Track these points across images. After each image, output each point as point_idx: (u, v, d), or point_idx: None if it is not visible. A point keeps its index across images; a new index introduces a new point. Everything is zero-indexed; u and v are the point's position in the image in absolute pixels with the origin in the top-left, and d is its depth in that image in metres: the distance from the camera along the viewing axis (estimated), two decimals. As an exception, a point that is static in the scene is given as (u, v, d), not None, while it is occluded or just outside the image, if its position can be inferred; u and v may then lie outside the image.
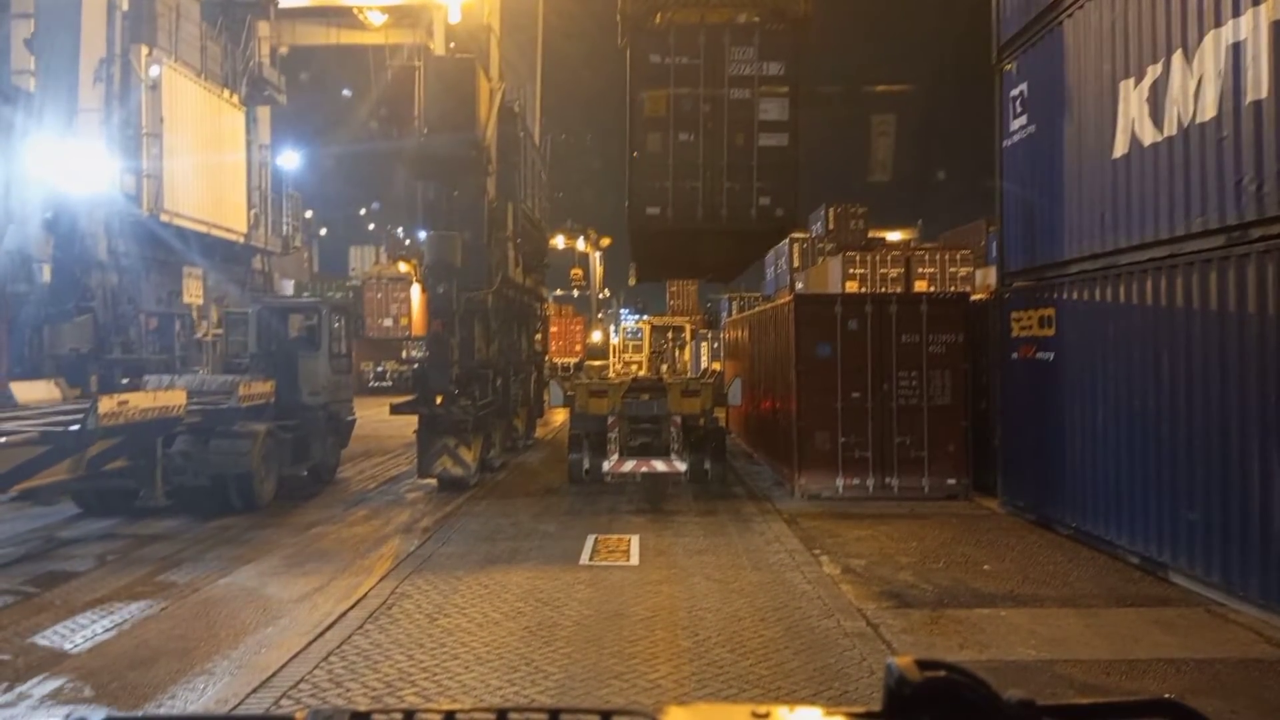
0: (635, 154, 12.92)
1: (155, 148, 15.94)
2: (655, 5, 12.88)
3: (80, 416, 10.58)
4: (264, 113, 21.01)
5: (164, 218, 16.09)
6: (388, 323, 32.51)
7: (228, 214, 18.88)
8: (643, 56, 13.02)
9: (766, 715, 1.03)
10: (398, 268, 37.40)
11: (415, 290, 31.85)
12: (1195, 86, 8.25)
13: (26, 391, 12.00)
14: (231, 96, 19.06)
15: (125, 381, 14.12)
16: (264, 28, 20.26)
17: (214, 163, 18.03)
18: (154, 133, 15.92)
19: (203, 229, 17.59)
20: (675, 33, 12.90)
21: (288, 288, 24.09)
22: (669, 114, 12.90)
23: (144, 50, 15.83)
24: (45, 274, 13.66)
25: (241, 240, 19.61)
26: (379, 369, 39.72)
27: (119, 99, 15.42)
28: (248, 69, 19.97)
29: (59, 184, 13.78)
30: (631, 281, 14.06)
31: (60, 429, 10.49)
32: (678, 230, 13.43)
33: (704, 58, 12.84)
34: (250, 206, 20.10)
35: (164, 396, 12.42)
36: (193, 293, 18.06)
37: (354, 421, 17.12)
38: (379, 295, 35.30)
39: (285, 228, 22.73)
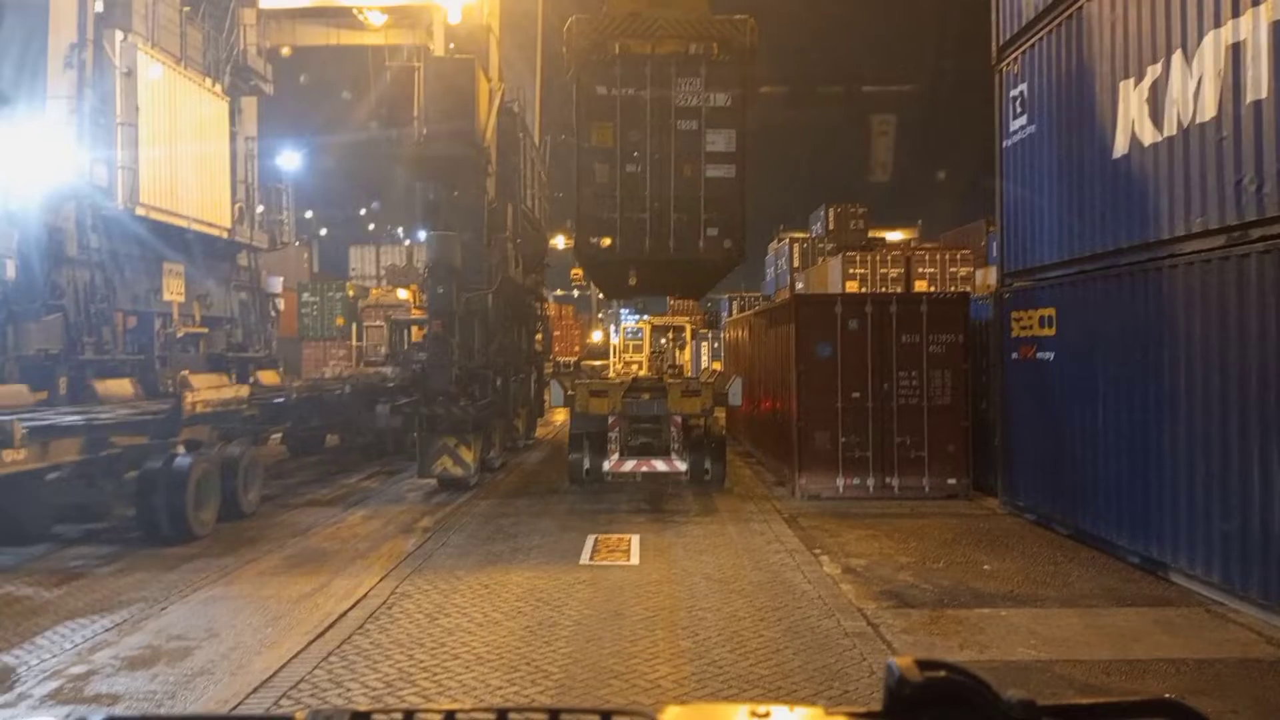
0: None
1: (130, 137, 15.52)
2: (603, 37, 12.94)
3: (339, 387, 18.68)
4: (249, 103, 20.60)
5: (139, 211, 15.67)
6: (385, 349, 32.98)
7: (209, 208, 18.44)
8: (589, 88, 13.09)
9: (766, 715, 1.04)
10: (397, 294, 37.61)
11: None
12: (1195, 86, 8.25)
13: None
14: (214, 85, 18.74)
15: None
16: (249, 15, 19.94)
17: (194, 154, 17.54)
18: (128, 122, 15.43)
19: (182, 223, 17.15)
20: (622, 64, 12.96)
21: (275, 285, 23.73)
22: (616, 145, 12.98)
23: (118, 35, 15.46)
24: (10, 270, 13.34)
25: (225, 235, 19.26)
26: None
27: (91, 86, 14.97)
28: (231, 57, 19.62)
29: (26, 175, 13.46)
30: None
31: (327, 393, 18.14)
32: (626, 261, 13.55)
33: (650, 89, 12.92)
34: (234, 200, 19.73)
35: (373, 375, 20.91)
36: (173, 290, 17.75)
37: None
38: (378, 323, 35.82)
39: (278, 223, 22.39)
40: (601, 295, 44.37)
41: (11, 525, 10.73)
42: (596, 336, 52.06)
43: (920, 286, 30.33)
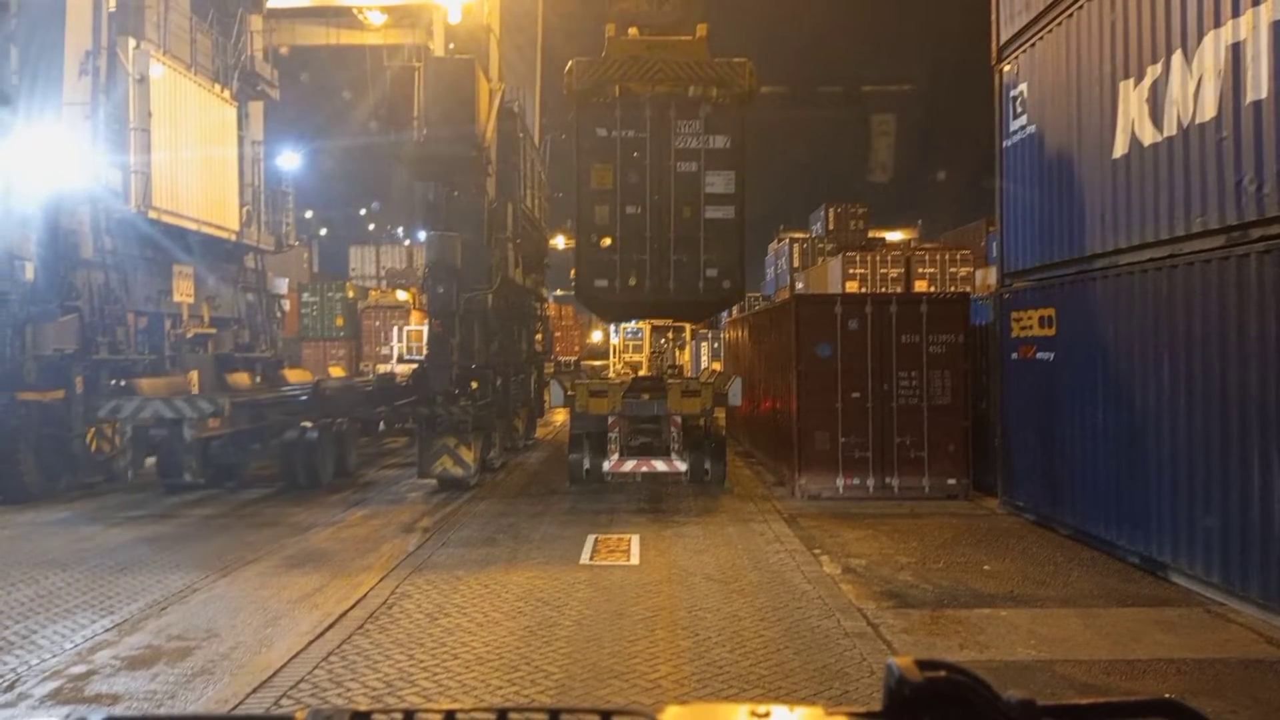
0: (595, 236, 13.33)
1: (143, 142, 15.74)
2: (603, 80, 13.01)
3: (402, 380, 19.96)
4: (256, 108, 20.79)
5: (152, 214, 15.91)
6: (385, 350, 33.24)
7: (219, 211, 18.71)
8: (589, 131, 13.17)
9: (766, 715, 1.04)
10: (396, 295, 37.72)
11: (413, 320, 33.12)
12: (1195, 87, 8.24)
13: None
14: (223, 91, 18.89)
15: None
16: (256, 21, 20.09)
17: (204, 158, 17.85)
18: (141, 127, 15.66)
19: (193, 226, 17.42)
20: (621, 107, 13.06)
21: (281, 286, 23.97)
22: (616, 187, 13.06)
23: (131, 43, 15.63)
24: (28, 272, 13.49)
25: (233, 238, 19.45)
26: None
27: (105, 92, 15.14)
28: (239, 63, 19.78)
29: (42, 179, 13.59)
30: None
31: (394, 385, 19.65)
32: (626, 301, 13.64)
33: (650, 131, 13.03)
34: (242, 203, 19.95)
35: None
36: (183, 291, 17.99)
37: None
38: (377, 324, 35.99)
39: (282, 225, 22.56)
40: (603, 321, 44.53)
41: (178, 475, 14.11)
42: (596, 336, 52.01)
43: (920, 286, 30.32)
